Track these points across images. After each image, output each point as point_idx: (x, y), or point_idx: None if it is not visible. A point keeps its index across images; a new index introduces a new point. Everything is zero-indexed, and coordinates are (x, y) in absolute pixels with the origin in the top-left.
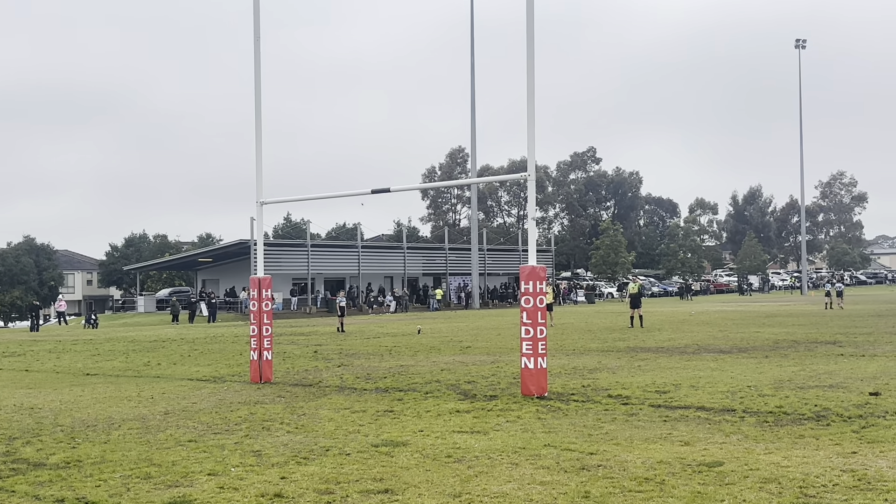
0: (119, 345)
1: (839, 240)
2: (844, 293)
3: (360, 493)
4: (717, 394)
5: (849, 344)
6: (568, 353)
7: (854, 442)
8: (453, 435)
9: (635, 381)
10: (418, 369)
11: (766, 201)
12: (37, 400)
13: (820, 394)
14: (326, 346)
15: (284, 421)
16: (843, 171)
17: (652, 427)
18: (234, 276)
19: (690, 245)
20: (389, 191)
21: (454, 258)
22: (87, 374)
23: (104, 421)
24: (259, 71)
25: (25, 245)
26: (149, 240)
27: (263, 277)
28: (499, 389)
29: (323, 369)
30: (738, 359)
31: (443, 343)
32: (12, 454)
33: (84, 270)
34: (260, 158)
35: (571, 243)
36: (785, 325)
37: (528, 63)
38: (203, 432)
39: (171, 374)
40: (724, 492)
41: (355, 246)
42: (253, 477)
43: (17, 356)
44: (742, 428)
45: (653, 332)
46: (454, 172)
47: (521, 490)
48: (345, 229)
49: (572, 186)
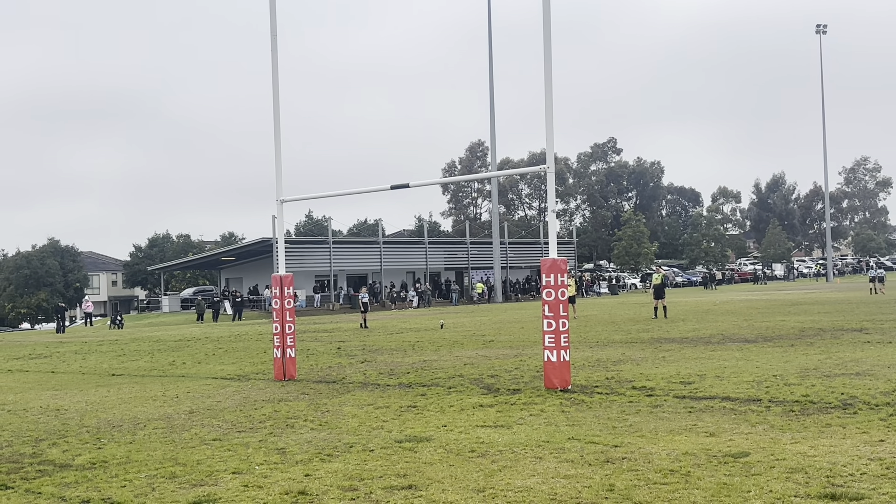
0: (144, 345)
1: (864, 226)
2: (886, 279)
3: (384, 490)
4: (742, 384)
5: (875, 331)
6: (591, 346)
7: (881, 430)
8: (477, 429)
9: (660, 372)
10: (441, 364)
11: (789, 188)
12: (63, 401)
13: (846, 382)
14: (349, 342)
15: (308, 418)
16: (866, 156)
17: (677, 418)
18: (257, 275)
19: (714, 234)
20: (409, 186)
21: (476, 252)
22: (112, 374)
23: (129, 421)
24: (276, 69)
25: (50, 247)
26: (172, 240)
27: (285, 275)
28: (522, 383)
29: (346, 366)
30: (764, 348)
31: (465, 337)
32: (38, 455)
33: (109, 271)
34: (279, 156)
35: (594, 235)
36: (810, 312)
37: (546, 55)
38: (227, 431)
39: (195, 373)
40: (750, 482)
41: (377, 242)
42: (277, 475)
43: (44, 358)
44: (768, 418)
45: (677, 322)
46: (474, 166)
47: (545, 484)
48: (366, 225)
49: (593, 178)
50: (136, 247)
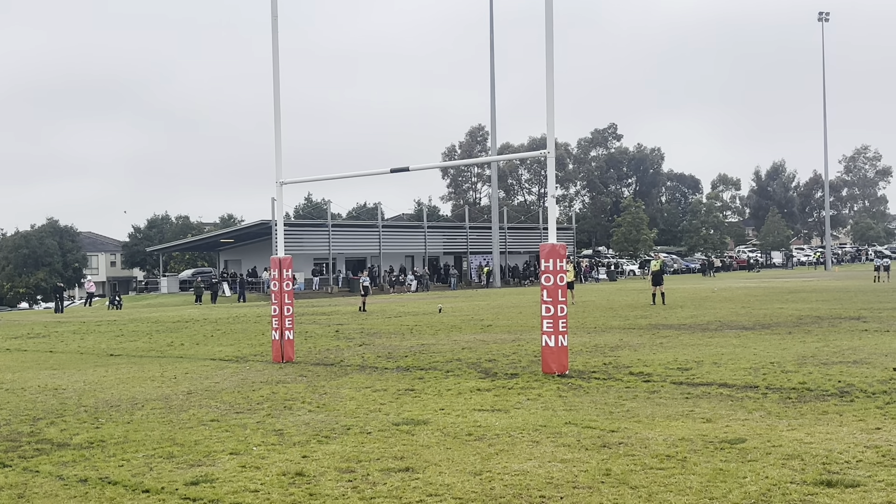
0: (142, 325)
1: (863, 214)
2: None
3: (381, 472)
4: (739, 370)
5: (873, 319)
6: (589, 331)
7: (878, 418)
8: (474, 413)
9: (657, 358)
10: (439, 348)
11: (789, 176)
12: (61, 381)
13: (843, 370)
14: (348, 325)
15: (306, 400)
16: (867, 145)
17: (674, 404)
18: (255, 257)
19: (713, 221)
20: (409, 169)
21: (475, 237)
22: (110, 354)
23: (127, 401)
24: (276, 51)
25: (49, 227)
26: (171, 221)
27: (284, 258)
28: (520, 367)
29: (344, 348)
30: (761, 335)
31: (464, 322)
32: (37, 434)
33: (108, 252)
34: (279, 138)
35: (593, 221)
36: (808, 300)
37: (548, 39)
38: (225, 412)
39: (194, 354)
40: (746, 469)
41: (376, 225)
42: (275, 456)
43: (42, 337)
44: (765, 404)
45: (675, 309)
46: (474, 151)
47: (541, 468)
48: (365, 209)
49: (593, 163)
50: (135, 227)
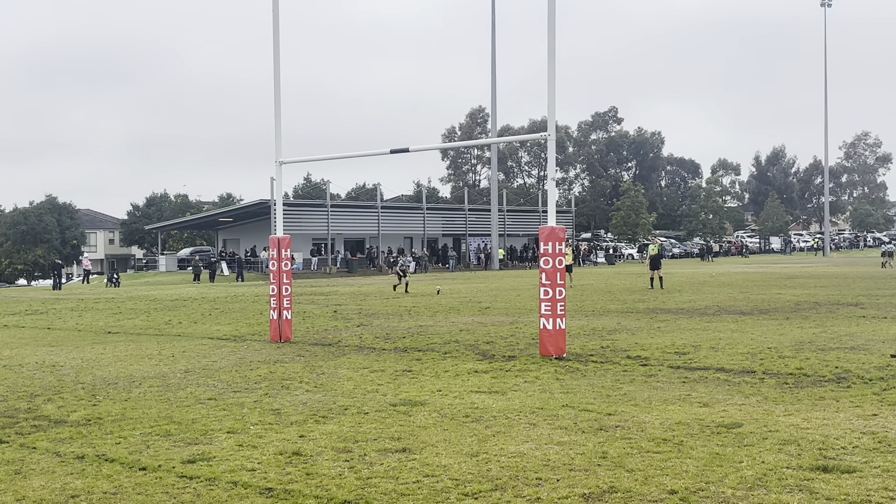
0: (140, 303)
1: (862, 201)
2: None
3: (378, 452)
4: (736, 355)
5: (871, 306)
6: (587, 315)
7: (875, 404)
8: (471, 395)
9: (654, 342)
10: (437, 329)
11: (789, 162)
12: (58, 357)
13: (841, 356)
14: (346, 306)
15: (304, 380)
16: (867, 131)
17: (671, 388)
18: (254, 236)
19: (712, 206)
20: (408, 151)
21: (474, 219)
22: (108, 332)
23: (125, 379)
24: (277, 31)
25: (48, 204)
26: (170, 199)
27: (283, 237)
28: (517, 350)
29: (342, 329)
30: (759, 320)
31: (462, 304)
32: (34, 411)
33: (106, 230)
34: (279, 117)
35: (592, 204)
36: (806, 286)
37: (549, 22)
38: (223, 391)
39: (191, 332)
40: (742, 453)
41: (375, 206)
42: (272, 435)
43: (40, 314)
44: (762, 389)
45: (673, 293)
46: (474, 132)
47: (538, 450)
48: (364, 190)
49: (593, 147)
50: (133, 205)
